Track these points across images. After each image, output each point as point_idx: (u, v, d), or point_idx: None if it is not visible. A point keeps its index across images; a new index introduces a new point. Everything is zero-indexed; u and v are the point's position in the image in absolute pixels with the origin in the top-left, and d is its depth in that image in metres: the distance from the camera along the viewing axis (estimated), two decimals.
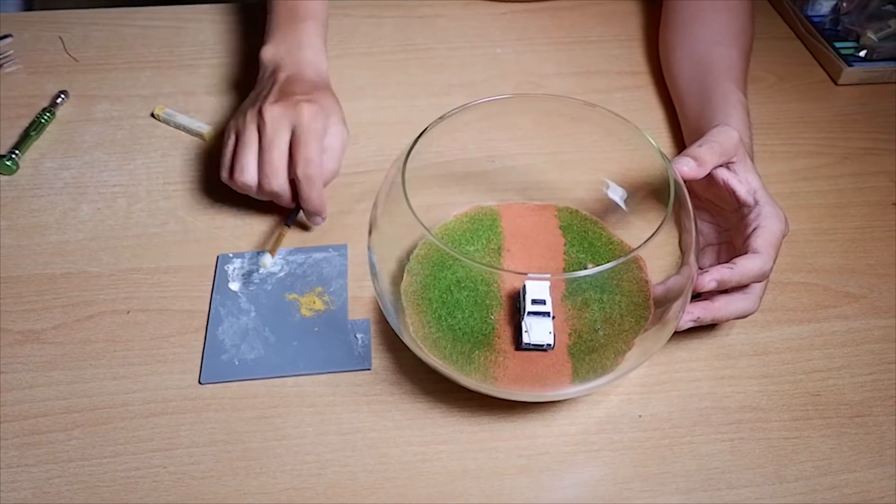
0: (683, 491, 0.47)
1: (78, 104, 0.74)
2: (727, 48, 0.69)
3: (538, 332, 0.47)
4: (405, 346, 0.50)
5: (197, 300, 0.57)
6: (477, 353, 0.48)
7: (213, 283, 0.58)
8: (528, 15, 0.86)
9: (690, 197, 0.47)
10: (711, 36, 0.71)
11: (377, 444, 0.49)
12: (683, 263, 0.47)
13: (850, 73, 0.77)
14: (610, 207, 0.58)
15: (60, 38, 0.82)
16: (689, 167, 0.50)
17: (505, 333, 0.49)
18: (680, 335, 0.54)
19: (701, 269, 0.50)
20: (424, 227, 0.43)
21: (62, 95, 0.73)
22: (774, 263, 0.50)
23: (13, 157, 0.67)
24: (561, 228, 0.57)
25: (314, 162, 0.57)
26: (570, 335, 0.48)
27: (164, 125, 0.72)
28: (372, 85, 0.77)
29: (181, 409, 0.51)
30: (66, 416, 0.50)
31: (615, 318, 0.49)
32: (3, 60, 0.78)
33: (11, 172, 0.67)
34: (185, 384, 0.52)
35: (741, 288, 0.51)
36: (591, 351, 0.48)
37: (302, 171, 0.57)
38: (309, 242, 0.61)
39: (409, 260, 0.53)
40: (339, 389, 0.52)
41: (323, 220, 0.61)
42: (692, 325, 0.50)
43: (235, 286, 0.58)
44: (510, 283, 0.51)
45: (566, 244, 0.56)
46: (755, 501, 0.47)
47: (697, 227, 0.49)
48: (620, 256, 0.47)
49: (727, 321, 0.54)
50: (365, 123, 0.72)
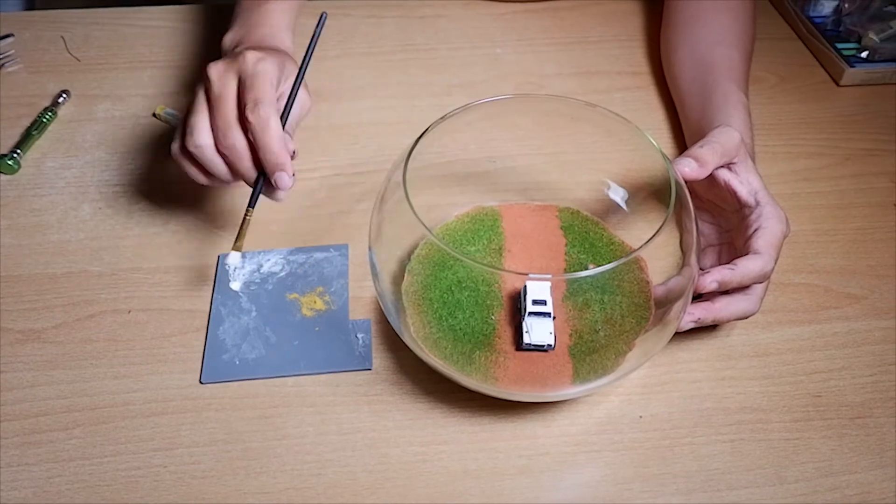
0: (684, 492, 0.47)
1: (79, 104, 0.74)
2: (728, 48, 0.69)
3: (539, 332, 0.47)
4: (406, 346, 0.50)
5: (198, 300, 0.57)
6: (477, 353, 0.48)
7: (213, 282, 0.58)
8: (528, 15, 0.86)
9: (691, 197, 0.47)
10: (713, 36, 0.71)
11: (378, 444, 0.49)
12: (684, 264, 0.47)
13: (851, 73, 0.77)
14: (611, 208, 0.58)
15: (62, 37, 0.82)
16: (690, 168, 0.50)
17: (506, 334, 0.49)
18: (681, 336, 0.54)
19: (702, 269, 0.50)
20: (426, 227, 0.43)
21: (64, 95, 0.73)
22: (775, 264, 0.50)
23: (15, 156, 0.67)
24: (562, 229, 0.57)
25: (264, 100, 0.50)
26: (570, 336, 0.48)
27: (165, 125, 0.72)
28: (372, 85, 0.77)
29: (182, 408, 0.51)
30: (66, 415, 0.50)
31: (616, 318, 0.49)
32: (4, 60, 0.78)
33: (13, 172, 0.67)
34: (185, 384, 0.52)
35: (742, 289, 0.51)
36: (591, 351, 0.47)
37: (252, 113, 0.49)
38: (310, 242, 0.61)
39: (410, 260, 0.53)
40: (339, 389, 0.52)
41: (291, 178, 0.52)
42: (693, 325, 0.50)
43: (236, 286, 0.58)
44: (511, 283, 0.51)
45: (567, 245, 0.56)
46: (756, 502, 0.47)
47: (698, 227, 0.49)
48: (621, 257, 0.47)
49: (728, 322, 0.54)
50: (365, 123, 0.72)
